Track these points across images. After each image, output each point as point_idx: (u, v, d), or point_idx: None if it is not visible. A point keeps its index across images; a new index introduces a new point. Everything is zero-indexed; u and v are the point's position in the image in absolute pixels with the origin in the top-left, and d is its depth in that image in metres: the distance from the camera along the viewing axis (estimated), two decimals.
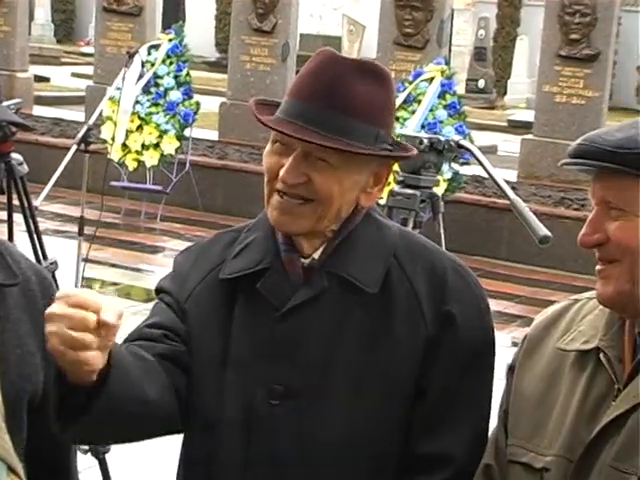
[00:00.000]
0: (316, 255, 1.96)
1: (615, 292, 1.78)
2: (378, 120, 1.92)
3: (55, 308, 1.66)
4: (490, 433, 1.98)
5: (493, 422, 1.99)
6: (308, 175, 1.89)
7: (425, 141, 3.50)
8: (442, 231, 3.67)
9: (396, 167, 3.72)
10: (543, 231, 3.27)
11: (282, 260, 1.96)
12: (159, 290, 2.05)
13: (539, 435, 1.85)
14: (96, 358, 1.68)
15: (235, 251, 2.00)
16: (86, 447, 4.07)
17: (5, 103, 3.13)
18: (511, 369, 1.96)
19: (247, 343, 1.94)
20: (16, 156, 4.11)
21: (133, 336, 1.97)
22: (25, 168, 4.15)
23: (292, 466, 1.91)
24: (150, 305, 2.09)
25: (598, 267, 1.81)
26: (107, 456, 4.17)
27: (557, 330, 1.92)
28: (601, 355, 1.82)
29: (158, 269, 8.37)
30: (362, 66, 1.92)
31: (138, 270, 8.62)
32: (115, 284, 8.04)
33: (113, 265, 8.42)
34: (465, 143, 3.62)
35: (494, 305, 8.11)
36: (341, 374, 1.91)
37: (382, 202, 3.70)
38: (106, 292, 7.48)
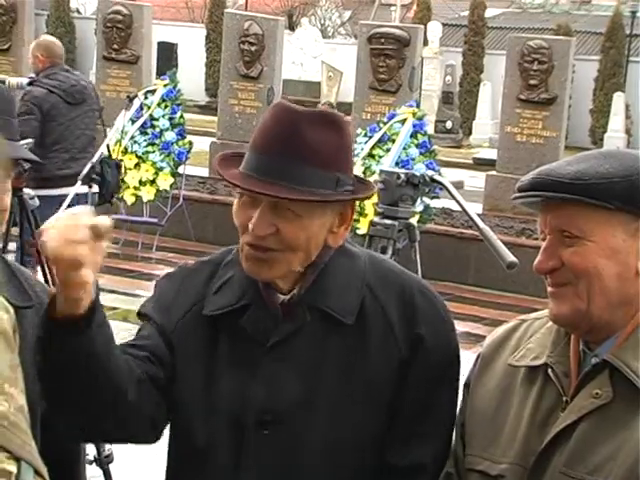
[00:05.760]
0: (294, 290, 1.91)
1: (570, 311, 1.78)
2: (335, 165, 1.85)
3: (50, 222, 1.63)
4: None
5: None
6: (276, 225, 1.82)
7: (402, 176, 3.53)
8: (418, 258, 3.69)
9: (376, 199, 3.76)
10: (510, 258, 3.28)
11: (262, 296, 1.92)
12: (144, 315, 1.98)
13: (494, 445, 1.85)
14: (89, 261, 1.62)
15: (215, 286, 1.95)
16: (91, 457, 4.06)
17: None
18: (467, 385, 1.97)
19: (234, 377, 1.90)
20: (28, 191, 4.12)
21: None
22: (36, 202, 4.16)
23: None
24: None
25: (551, 289, 1.81)
26: (111, 466, 4.15)
27: (507, 348, 1.92)
28: (549, 370, 1.82)
29: None
30: (315, 115, 1.84)
31: (135, 296, 8.58)
32: (114, 308, 8.00)
33: (112, 291, 8.38)
34: (439, 178, 3.65)
35: (462, 326, 8.20)
36: (323, 400, 1.88)
37: (363, 232, 3.72)
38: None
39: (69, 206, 6.05)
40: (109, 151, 6.84)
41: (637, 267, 1.76)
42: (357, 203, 2.04)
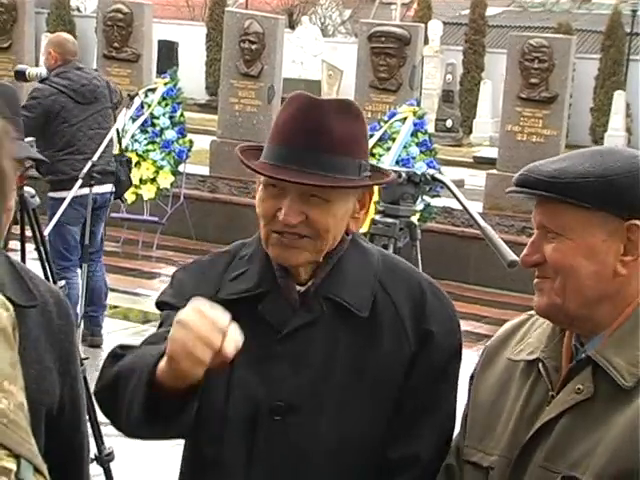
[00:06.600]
0: (311, 282, 1.96)
1: (547, 304, 1.81)
2: (358, 152, 1.93)
3: (189, 316, 1.65)
4: (454, 437, 2.01)
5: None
6: (306, 213, 1.89)
7: (403, 175, 3.53)
8: (419, 256, 3.70)
9: (377, 198, 3.76)
10: (511, 256, 3.27)
11: (279, 285, 1.96)
12: (165, 304, 2.01)
13: (488, 437, 1.89)
14: (202, 375, 1.68)
15: (232, 276, 1.99)
16: (92, 456, 4.06)
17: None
18: (471, 379, 2.00)
19: (250, 364, 1.93)
20: (28, 189, 4.11)
21: (153, 341, 1.93)
22: (37, 200, 4.15)
23: (290, 473, 1.92)
24: (148, 326, 2.05)
25: (535, 280, 1.85)
26: (112, 465, 4.15)
27: (512, 343, 1.96)
28: (540, 365, 1.86)
29: (154, 293, 8.28)
30: (338, 105, 1.92)
31: (136, 294, 8.60)
32: (115, 307, 8.01)
33: (113, 290, 8.36)
34: (439, 176, 3.64)
35: (463, 325, 8.11)
36: (334, 390, 1.92)
37: (364, 230, 3.72)
38: (106, 314, 7.45)
39: (70, 206, 6.05)
40: (120, 149, 6.81)
41: (615, 267, 1.77)
42: None
